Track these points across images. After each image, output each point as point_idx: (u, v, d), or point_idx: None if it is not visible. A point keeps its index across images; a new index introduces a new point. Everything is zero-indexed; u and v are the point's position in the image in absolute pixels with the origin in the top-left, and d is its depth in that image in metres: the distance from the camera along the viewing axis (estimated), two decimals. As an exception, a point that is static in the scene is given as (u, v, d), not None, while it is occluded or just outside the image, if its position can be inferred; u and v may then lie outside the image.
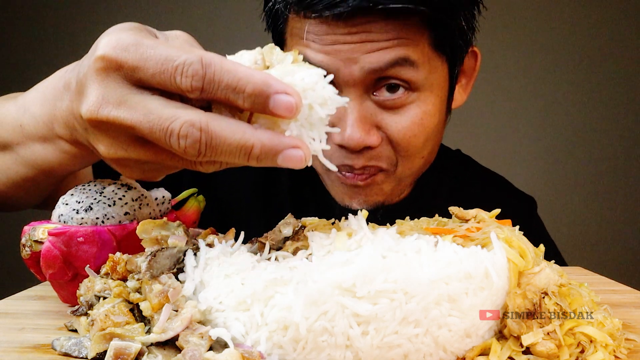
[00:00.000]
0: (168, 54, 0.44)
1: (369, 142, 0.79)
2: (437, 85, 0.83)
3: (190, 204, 0.73)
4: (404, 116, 0.80)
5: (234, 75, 0.43)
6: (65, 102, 0.54)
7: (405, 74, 0.78)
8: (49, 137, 0.60)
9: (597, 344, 0.50)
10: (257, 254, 0.56)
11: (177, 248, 0.53)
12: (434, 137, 0.86)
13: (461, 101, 0.94)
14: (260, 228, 0.66)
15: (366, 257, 0.46)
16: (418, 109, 0.81)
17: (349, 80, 0.77)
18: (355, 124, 0.77)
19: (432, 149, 0.88)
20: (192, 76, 0.44)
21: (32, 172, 0.64)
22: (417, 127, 0.81)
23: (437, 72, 0.83)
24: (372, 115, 0.80)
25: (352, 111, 0.78)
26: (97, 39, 0.48)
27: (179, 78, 0.44)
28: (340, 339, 0.45)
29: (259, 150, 0.44)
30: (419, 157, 0.86)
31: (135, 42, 0.46)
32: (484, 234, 0.56)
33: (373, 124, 0.80)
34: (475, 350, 0.49)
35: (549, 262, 0.56)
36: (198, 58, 0.44)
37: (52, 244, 0.58)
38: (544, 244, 0.61)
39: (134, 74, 0.45)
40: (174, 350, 0.47)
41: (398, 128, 0.81)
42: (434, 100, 0.83)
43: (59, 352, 0.49)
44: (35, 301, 0.65)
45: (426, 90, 0.81)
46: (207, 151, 0.44)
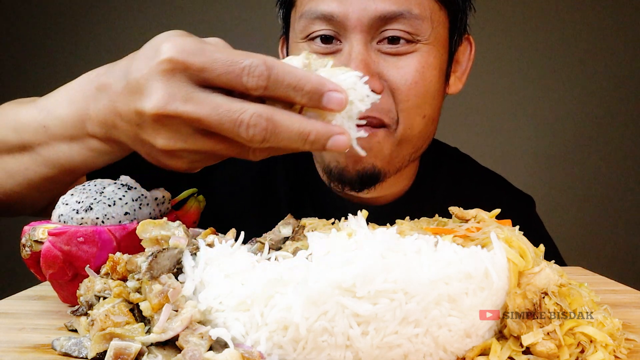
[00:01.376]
0: (234, 57, 0.52)
1: (370, 84, 0.78)
2: (438, 41, 0.86)
3: (190, 204, 0.73)
4: (404, 64, 0.83)
5: (294, 76, 0.51)
6: (103, 102, 0.59)
7: (408, 25, 0.81)
8: (77, 136, 0.64)
9: (597, 344, 0.50)
10: (257, 254, 0.56)
11: (178, 249, 0.53)
12: (433, 98, 0.86)
13: (456, 89, 0.95)
14: (258, 229, 0.66)
15: (366, 257, 0.46)
16: (420, 58, 0.83)
17: (356, 26, 0.81)
18: (360, 65, 0.79)
19: (430, 114, 0.87)
20: (259, 76, 0.51)
21: (53, 172, 0.68)
22: (418, 75, 0.83)
23: (439, 28, 0.86)
24: (375, 63, 0.82)
25: (357, 56, 0.80)
26: (149, 44, 0.55)
27: (246, 78, 0.51)
28: (340, 339, 0.45)
29: (314, 136, 0.51)
30: (419, 116, 0.85)
31: (200, 47, 0.53)
32: (484, 234, 0.56)
33: (375, 72, 0.82)
34: (475, 350, 0.49)
35: (548, 262, 0.56)
36: (262, 61, 0.51)
37: (52, 244, 0.58)
38: (543, 243, 0.61)
39: (200, 75, 0.52)
40: (174, 350, 0.47)
41: (399, 74, 0.82)
42: (435, 55, 0.85)
43: (59, 352, 0.49)
44: (35, 301, 0.65)
45: (428, 44, 0.84)
46: (271, 138, 0.51)
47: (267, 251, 0.57)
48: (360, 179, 0.87)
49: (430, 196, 0.99)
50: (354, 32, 0.81)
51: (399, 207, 0.95)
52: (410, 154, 0.90)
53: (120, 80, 0.57)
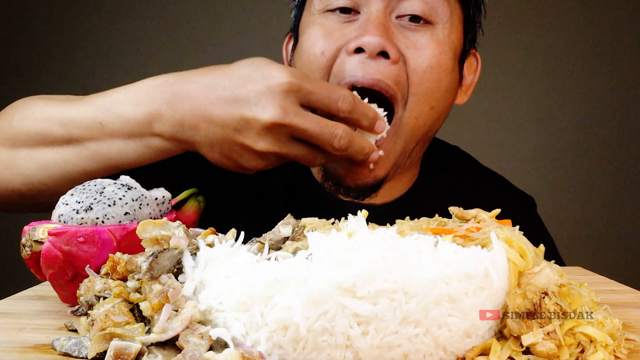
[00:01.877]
0: (332, 87, 0.72)
1: (387, 47, 0.79)
2: (454, 30, 0.86)
3: (190, 204, 0.73)
4: (423, 44, 0.82)
5: (366, 106, 0.74)
6: (186, 106, 0.70)
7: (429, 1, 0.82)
8: (138, 134, 0.72)
9: (597, 344, 0.50)
10: (257, 254, 0.56)
11: (178, 250, 0.53)
12: (445, 90, 0.85)
13: (462, 101, 0.94)
14: (252, 232, 0.66)
15: (366, 257, 0.46)
16: (437, 42, 0.83)
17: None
18: (378, 27, 0.79)
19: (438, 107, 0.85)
20: (349, 103, 0.71)
21: (96, 166, 0.74)
22: (435, 59, 0.82)
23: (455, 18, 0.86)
24: (393, 32, 0.81)
25: (375, 19, 0.80)
26: (250, 66, 0.70)
27: (340, 104, 0.70)
28: (340, 339, 0.45)
29: (368, 150, 0.74)
30: (427, 105, 0.84)
31: (306, 75, 0.71)
32: (484, 234, 0.56)
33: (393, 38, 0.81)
34: (475, 350, 0.49)
35: (548, 262, 0.56)
36: (350, 93, 0.72)
37: (52, 244, 0.58)
38: (543, 243, 0.61)
39: (306, 96, 0.68)
40: (174, 350, 0.47)
41: (417, 54, 0.82)
42: (451, 44, 0.85)
43: (59, 352, 0.49)
44: (35, 301, 0.65)
45: (445, 29, 0.84)
46: (350, 148, 0.71)
47: (267, 251, 0.57)
48: (359, 190, 0.87)
49: (430, 196, 0.99)
50: (373, 1, 0.81)
51: (400, 207, 0.95)
52: (412, 150, 0.88)
53: (221, 91, 0.69)
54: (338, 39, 0.82)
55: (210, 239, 0.57)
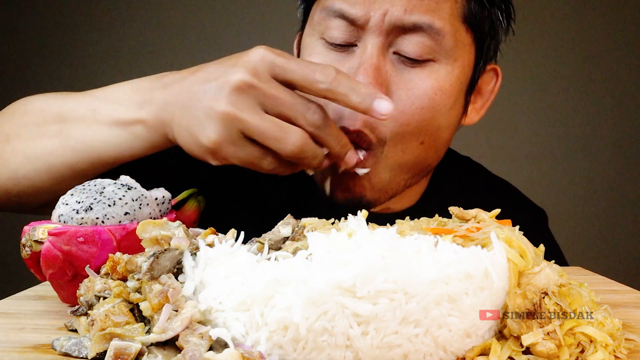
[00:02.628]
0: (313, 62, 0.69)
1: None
2: (459, 65, 0.80)
3: (190, 204, 0.73)
4: (416, 85, 0.78)
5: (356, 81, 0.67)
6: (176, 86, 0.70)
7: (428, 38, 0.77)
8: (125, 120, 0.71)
9: (597, 344, 0.50)
10: (257, 255, 0.56)
11: (179, 250, 0.53)
12: (437, 128, 0.80)
13: (471, 121, 0.90)
14: (254, 233, 0.66)
15: (366, 257, 0.46)
16: (434, 81, 0.78)
17: (374, 30, 0.76)
18: (368, 70, 0.75)
19: (430, 142, 0.82)
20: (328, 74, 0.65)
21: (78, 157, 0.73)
22: (427, 99, 0.78)
23: (463, 51, 0.81)
24: (387, 73, 0.77)
25: (369, 59, 0.76)
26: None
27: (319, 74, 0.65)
28: (340, 339, 0.45)
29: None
30: (416, 141, 0.80)
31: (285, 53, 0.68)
32: (484, 234, 0.56)
33: (385, 81, 0.77)
34: (475, 350, 0.49)
35: (549, 262, 0.56)
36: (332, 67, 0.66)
37: (52, 244, 0.58)
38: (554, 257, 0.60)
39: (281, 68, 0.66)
40: (174, 350, 0.47)
41: (407, 95, 0.77)
42: (453, 80, 0.80)
43: (59, 352, 0.49)
44: (35, 301, 0.65)
45: (447, 65, 0.79)
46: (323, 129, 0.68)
47: (267, 251, 0.57)
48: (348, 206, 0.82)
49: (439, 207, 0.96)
50: (371, 36, 0.77)
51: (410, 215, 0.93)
52: (406, 180, 0.85)
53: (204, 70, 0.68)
54: None
55: (210, 239, 0.57)
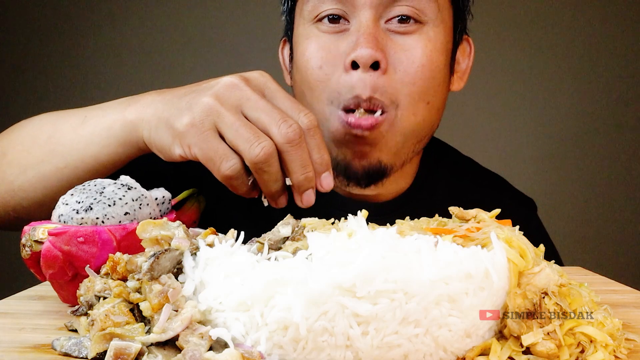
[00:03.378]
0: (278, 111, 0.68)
1: (378, 56, 0.80)
2: (444, 26, 0.87)
3: (190, 204, 0.73)
4: (412, 46, 0.83)
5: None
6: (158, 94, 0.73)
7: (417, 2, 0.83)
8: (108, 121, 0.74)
9: (597, 344, 0.50)
10: (257, 254, 0.56)
11: (179, 251, 0.53)
12: (438, 85, 0.86)
13: (458, 87, 0.96)
14: (251, 231, 0.66)
15: (366, 257, 0.46)
16: (427, 41, 0.84)
17: (365, 2, 0.82)
18: (369, 38, 0.80)
19: (435, 102, 0.87)
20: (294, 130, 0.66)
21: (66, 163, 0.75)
22: (425, 57, 0.83)
23: (445, 13, 0.87)
24: (383, 40, 0.83)
25: (365, 30, 0.81)
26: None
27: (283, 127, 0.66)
28: (340, 339, 0.45)
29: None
30: (423, 102, 0.85)
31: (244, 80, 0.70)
32: (484, 234, 0.56)
33: (384, 47, 0.82)
34: (475, 350, 0.49)
35: (548, 262, 0.56)
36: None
37: (52, 244, 0.58)
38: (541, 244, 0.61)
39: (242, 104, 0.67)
40: (174, 350, 0.47)
41: (406, 56, 0.83)
42: (442, 39, 0.86)
43: (59, 352, 0.49)
44: (35, 301, 0.65)
45: (436, 27, 0.85)
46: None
47: (267, 251, 0.57)
48: (366, 175, 0.87)
49: (430, 195, 0.99)
50: (363, 9, 0.82)
51: (399, 205, 0.95)
52: (415, 145, 0.89)
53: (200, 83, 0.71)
54: (333, 53, 0.83)
55: (210, 239, 0.57)
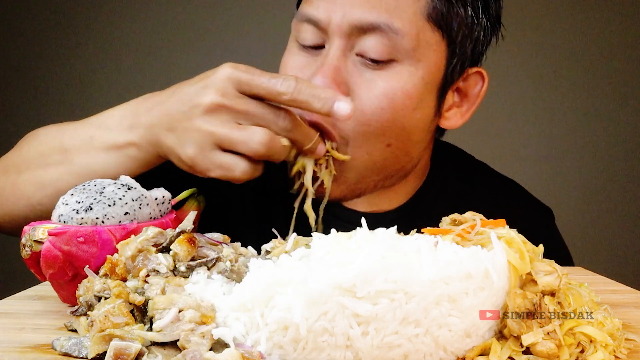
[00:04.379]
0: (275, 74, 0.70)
1: None
2: (425, 64, 0.80)
3: (190, 204, 0.73)
4: (375, 85, 0.78)
5: (316, 88, 0.70)
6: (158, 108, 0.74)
7: (387, 38, 0.77)
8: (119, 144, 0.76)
9: (597, 344, 0.50)
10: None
11: None
12: (402, 129, 0.80)
13: (455, 125, 0.89)
14: (254, 238, 0.67)
15: (366, 257, 0.46)
16: (395, 82, 0.78)
17: (335, 32, 0.78)
18: (326, 71, 0.77)
19: (399, 145, 0.81)
20: (288, 84, 0.68)
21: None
22: (386, 100, 0.77)
23: (429, 51, 0.80)
24: (348, 73, 0.78)
25: (329, 60, 0.78)
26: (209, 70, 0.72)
27: (281, 85, 0.69)
28: (340, 339, 0.45)
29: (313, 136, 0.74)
30: (381, 143, 0.80)
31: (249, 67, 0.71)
32: (479, 234, 0.56)
33: (344, 82, 0.78)
34: (475, 350, 0.49)
35: (549, 260, 0.56)
36: (293, 76, 0.69)
37: (52, 244, 0.58)
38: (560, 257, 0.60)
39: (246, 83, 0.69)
40: (174, 350, 0.47)
41: (367, 95, 0.78)
42: (415, 81, 0.79)
43: (59, 352, 0.49)
44: (35, 301, 0.65)
45: (410, 65, 0.79)
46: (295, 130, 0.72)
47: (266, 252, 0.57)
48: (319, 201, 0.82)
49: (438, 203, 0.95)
50: (334, 38, 0.79)
51: (405, 213, 0.92)
52: (376, 182, 0.85)
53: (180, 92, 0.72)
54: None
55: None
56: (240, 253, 0.60)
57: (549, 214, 1.05)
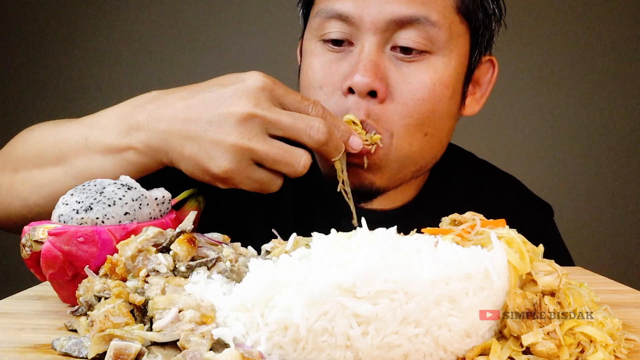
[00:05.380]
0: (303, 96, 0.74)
1: (375, 86, 0.78)
2: (456, 56, 0.82)
3: (190, 204, 0.73)
4: (415, 78, 0.80)
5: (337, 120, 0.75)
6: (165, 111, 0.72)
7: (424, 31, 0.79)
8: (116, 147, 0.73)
9: (597, 344, 0.50)
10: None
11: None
12: (439, 118, 0.83)
13: (473, 111, 0.92)
14: (263, 236, 0.66)
15: (366, 257, 0.46)
16: (432, 73, 0.80)
17: (370, 28, 0.79)
18: (367, 66, 0.78)
19: (435, 133, 0.84)
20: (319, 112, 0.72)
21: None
22: (427, 91, 0.80)
23: (458, 41, 0.82)
24: (385, 69, 0.80)
25: (367, 56, 0.79)
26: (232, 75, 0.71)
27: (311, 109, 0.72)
28: (340, 339, 0.45)
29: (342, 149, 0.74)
30: (420, 133, 0.82)
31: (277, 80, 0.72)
32: (479, 234, 0.56)
33: (384, 76, 0.79)
34: (475, 350, 0.49)
35: (549, 260, 0.56)
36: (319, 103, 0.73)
37: (52, 244, 0.58)
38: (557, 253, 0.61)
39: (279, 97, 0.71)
40: (174, 350, 0.47)
41: (407, 88, 0.79)
42: (450, 71, 0.82)
43: (59, 352, 0.49)
44: (35, 301, 0.65)
45: (444, 56, 0.81)
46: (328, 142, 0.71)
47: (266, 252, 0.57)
48: (357, 192, 0.84)
49: (443, 199, 0.97)
50: (367, 34, 0.79)
51: (409, 211, 0.93)
52: (413, 172, 0.87)
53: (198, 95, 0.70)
54: (334, 75, 0.81)
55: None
56: (240, 253, 0.60)
57: (548, 211, 1.07)
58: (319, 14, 0.83)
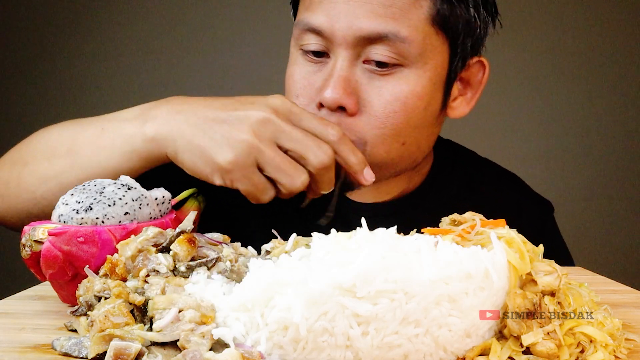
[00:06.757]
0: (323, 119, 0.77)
1: (344, 102, 0.78)
2: (431, 68, 0.82)
3: (190, 204, 0.73)
4: (386, 91, 0.80)
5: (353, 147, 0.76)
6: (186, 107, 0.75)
7: (394, 47, 0.78)
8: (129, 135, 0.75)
9: (597, 344, 0.50)
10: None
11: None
12: (414, 127, 0.83)
13: (462, 113, 0.91)
14: (261, 234, 0.66)
15: (366, 257, 0.46)
16: (405, 85, 0.80)
17: (341, 43, 0.79)
18: (338, 82, 0.78)
19: (412, 141, 0.84)
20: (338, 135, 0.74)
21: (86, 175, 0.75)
22: (399, 103, 0.80)
23: (434, 53, 0.81)
24: (357, 83, 0.80)
25: (337, 72, 0.79)
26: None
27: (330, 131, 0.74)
28: (340, 339, 0.45)
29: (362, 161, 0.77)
30: (397, 142, 0.82)
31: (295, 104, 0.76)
32: (479, 234, 0.56)
33: (355, 91, 0.80)
34: (475, 350, 0.49)
35: (549, 260, 0.56)
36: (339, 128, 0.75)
37: (52, 244, 0.58)
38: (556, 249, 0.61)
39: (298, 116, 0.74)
40: (174, 350, 0.47)
41: (379, 101, 0.80)
42: (425, 82, 0.81)
43: (59, 352, 0.49)
44: (35, 301, 0.65)
45: (417, 69, 0.80)
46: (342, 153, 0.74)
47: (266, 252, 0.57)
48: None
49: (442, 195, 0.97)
50: (340, 48, 0.79)
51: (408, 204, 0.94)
52: (392, 173, 0.88)
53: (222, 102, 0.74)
54: (310, 87, 0.82)
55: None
56: (240, 253, 0.60)
57: (549, 208, 1.07)
58: (298, 25, 0.84)
